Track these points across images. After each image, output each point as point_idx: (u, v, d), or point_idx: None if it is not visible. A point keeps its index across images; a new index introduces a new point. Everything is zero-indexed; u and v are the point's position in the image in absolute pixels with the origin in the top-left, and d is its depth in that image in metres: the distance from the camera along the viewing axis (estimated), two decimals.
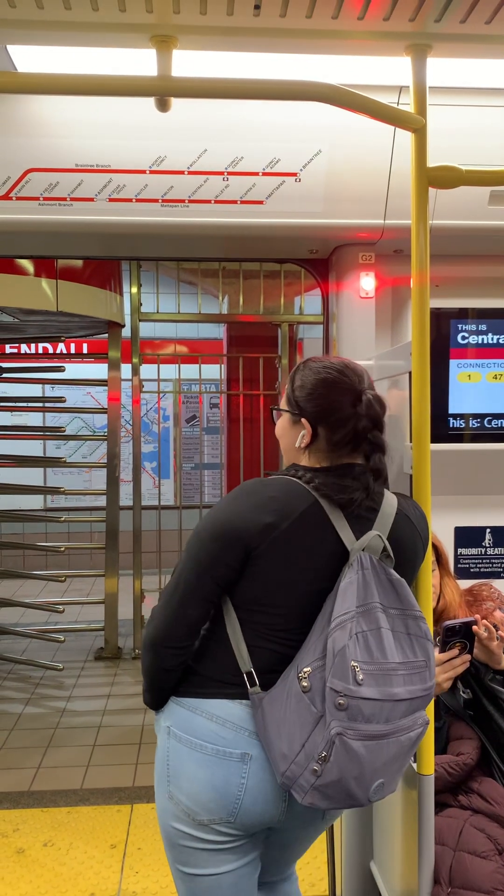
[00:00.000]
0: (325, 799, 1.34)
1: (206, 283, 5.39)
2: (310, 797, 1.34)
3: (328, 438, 1.49)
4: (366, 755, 1.31)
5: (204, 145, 2.08)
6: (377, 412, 1.50)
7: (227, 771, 1.43)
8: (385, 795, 1.41)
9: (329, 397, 1.50)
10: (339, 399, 1.49)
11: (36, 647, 5.19)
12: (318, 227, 2.25)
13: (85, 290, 4.55)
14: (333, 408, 1.48)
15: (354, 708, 1.30)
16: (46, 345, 7.08)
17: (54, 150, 2.07)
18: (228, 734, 1.44)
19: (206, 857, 1.47)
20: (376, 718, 1.32)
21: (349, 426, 1.47)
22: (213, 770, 1.44)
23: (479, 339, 2.29)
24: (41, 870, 2.68)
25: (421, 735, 1.42)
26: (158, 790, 1.53)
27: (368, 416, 1.48)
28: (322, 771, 1.31)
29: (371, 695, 1.31)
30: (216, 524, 1.45)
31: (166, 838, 1.53)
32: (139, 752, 3.66)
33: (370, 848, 2.26)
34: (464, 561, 2.42)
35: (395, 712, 1.35)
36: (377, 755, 1.33)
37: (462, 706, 1.97)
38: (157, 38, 1.60)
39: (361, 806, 1.39)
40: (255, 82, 1.70)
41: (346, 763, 1.30)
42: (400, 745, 1.36)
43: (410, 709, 1.38)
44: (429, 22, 1.56)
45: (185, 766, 1.46)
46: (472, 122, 2.10)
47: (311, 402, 1.51)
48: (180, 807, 1.46)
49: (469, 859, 1.70)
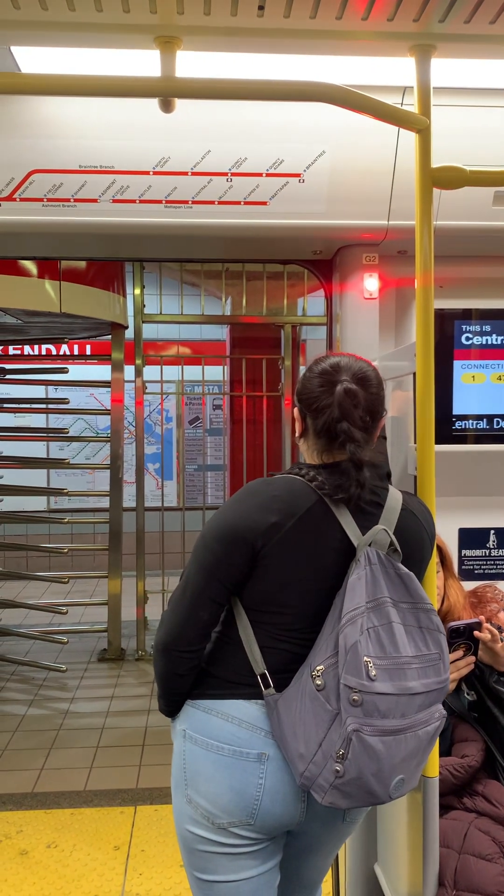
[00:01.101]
0: (345, 798, 1.33)
1: (209, 285, 5.38)
2: (329, 796, 1.33)
3: (314, 428, 1.50)
4: (384, 751, 1.30)
5: (207, 146, 2.08)
6: (348, 405, 1.45)
7: (244, 771, 1.43)
8: (405, 792, 1.40)
9: (311, 385, 1.51)
10: (320, 389, 1.49)
11: (39, 649, 5.19)
12: (321, 227, 2.24)
13: (88, 292, 4.55)
14: (315, 396, 1.49)
15: (369, 703, 1.29)
16: (50, 346, 7.09)
17: (58, 152, 2.07)
18: (244, 734, 1.44)
19: (224, 863, 1.46)
20: (392, 713, 1.32)
21: (325, 416, 1.47)
22: (230, 771, 1.43)
23: (483, 340, 2.29)
24: (44, 872, 2.68)
25: (439, 729, 1.41)
26: (176, 795, 1.52)
27: (339, 406, 1.45)
28: (343, 770, 1.30)
29: (385, 689, 1.30)
30: (222, 526, 1.45)
31: (183, 844, 1.51)
32: (142, 753, 3.66)
33: (374, 850, 2.25)
34: (468, 563, 2.41)
35: (411, 706, 1.34)
36: (395, 751, 1.32)
37: (466, 708, 1.96)
38: (160, 39, 1.60)
39: (382, 803, 1.38)
40: (259, 83, 1.70)
41: (364, 760, 1.30)
42: (418, 739, 1.36)
43: (426, 702, 1.38)
44: (433, 22, 1.56)
45: (202, 768, 1.46)
46: (476, 123, 2.10)
47: (302, 392, 1.54)
48: (199, 810, 1.46)
49: (474, 862, 1.70)
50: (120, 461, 5.20)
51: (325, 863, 1.69)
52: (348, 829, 1.62)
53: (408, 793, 1.73)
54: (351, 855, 2.28)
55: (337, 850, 1.70)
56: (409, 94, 1.96)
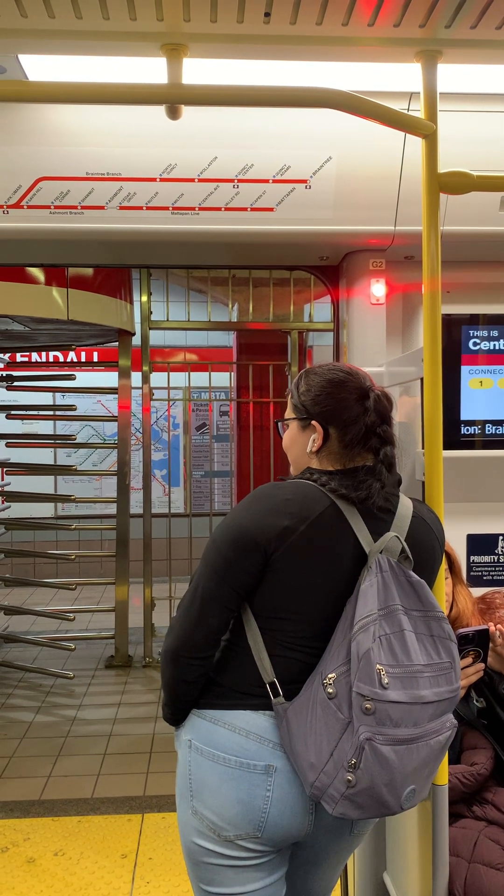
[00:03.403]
0: (356, 808, 1.31)
1: (216, 291, 5.40)
2: (341, 807, 1.31)
3: (340, 438, 1.49)
4: (396, 760, 1.29)
5: (214, 153, 2.09)
6: (385, 407, 1.51)
7: (251, 784, 1.41)
8: (417, 803, 1.38)
9: (338, 396, 1.50)
10: (348, 397, 1.50)
11: (46, 656, 5.18)
12: (328, 233, 2.24)
13: (95, 299, 4.56)
14: (343, 406, 1.49)
15: (382, 712, 1.28)
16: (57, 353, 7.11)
17: (65, 159, 2.08)
18: (252, 746, 1.42)
19: (231, 875, 1.44)
20: (405, 722, 1.30)
21: (359, 423, 1.47)
22: (237, 783, 1.41)
23: (491, 346, 2.28)
24: (52, 879, 2.67)
25: (450, 738, 1.40)
26: (181, 806, 1.50)
27: (377, 411, 1.49)
28: (355, 780, 1.28)
29: (398, 698, 1.29)
30: (232, 530, 1.43)
31: (189, 857, 1.49)
32: (150, 761, 3.65)
33: (383, 859, 2.24)
34: (476, 569, 2.40)
35: (423, 715, 1.33)
36: (407, 760, 1.30)
37: (476, 715, 1.95)
38: (167, 47, 1.61)
39: (393, 814, 1.36)
40: (265, 89, 1.70)
41: (376, 769, 1.28)
42: (430, 748, 1.34)
43: (438, 711, 1.36)
44: (439, 28, 1.56)
45: (208, 780, 1.44)
46: (483, 128, 2.10)
47: (320, 404, 1.52)
48: (205, 822, 1.44)
49: (484, 871, 1.68)
50: (127, 468, 5.20)
51: (333, 875, 1.67)
52: (356, 841, 1.60)
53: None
54: (360, 864, 2.27)
55: (344, 863, 1.68)
56: (416, 100, 1.96)
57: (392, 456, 1.50)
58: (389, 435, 1.50)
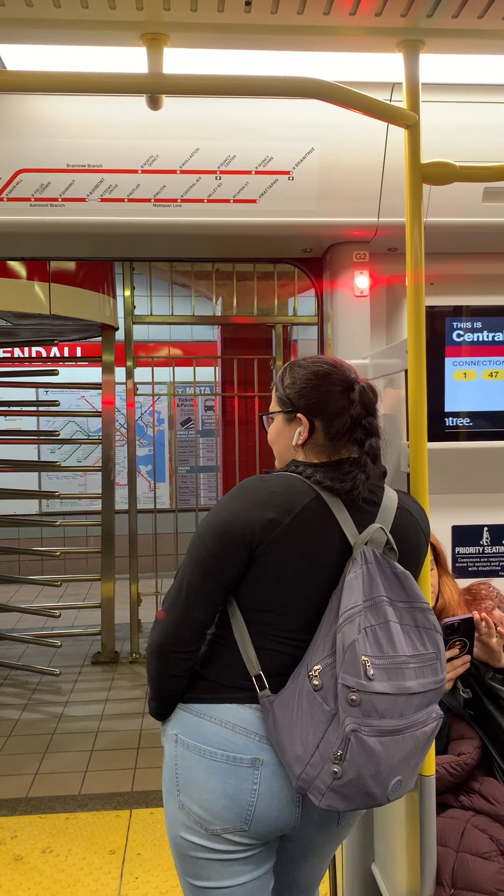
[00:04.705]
0: (343, 800, 1.31)
1: (200, 285, 5.37)
2: (327, 799, 1.31)
3: (325, 431, 1.49)
4: (382, 752, 1.29)
5: (196, 144, 2.07)
6: (370, 399, 1.51)
7: (238, 777, 1.41)
8: (403, 794, 1.38)
9: (323, 388, 1.50)
10: (333, 389, 1.49)
11: (32, 653, 5.16)
12: (311, 225, 2.23)
13: (78, 293, 4.54)
14: (328, 398, 1.49)
15: (367, 703, 1.28)
16: (40, 349, 7.07)
17: (45, 151, 2.06)
18: (238, 739, 1.42)
19: (218, 869, 1.44)
20: (390, 713, 1.30)
21: (345, 415, 1.47)
22: (224, 777, 1.41)
23: (475, 337, 2.29)
24: (39, 877, 2.66)
25: (436, 729, 1.40)
26: (168, 801, 1.49)
27: (362, 403, 1.49)
28: (341, 772, 1.28)
29: (383, 689, 1.29)
30: (218, 524, 1.42)
31: (176, 851, 1.49)
32: (137, 756, 3.64)
33: (371, 850, 2.24)
34: (462, 560, 2.41)
35: (409, 706, 1.33)
36: (393, 751, 1.31)
37: (462, 706, 1.96)
38: (147, 36, 1.59)
39: (380, 805, 1.36)
40: (247, 79, 1.69)
41: (362, 761, 1.28)
42: (416, 739, 1.35)
43: (424, 702, 1.36)
44: (420, 17, 1.55)
45: (195, 775, 1.43)
46: (465, 118, 2.10)
47: (306, 396, 1.51)
48: (192, 817, 1.43)
49: (471, 860, 1.69)
50: (112, 463, 5.18)
51: (321, 866, 1.68)
52: (343, 832, 1.61)
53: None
54: (348, 855, 2.27)
55: (332, 854, 1.68)
56: (398, 90, 1.96)
57: (377, 448, 1.50)
58: (375, 427, 1.50)
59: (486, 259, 2.48)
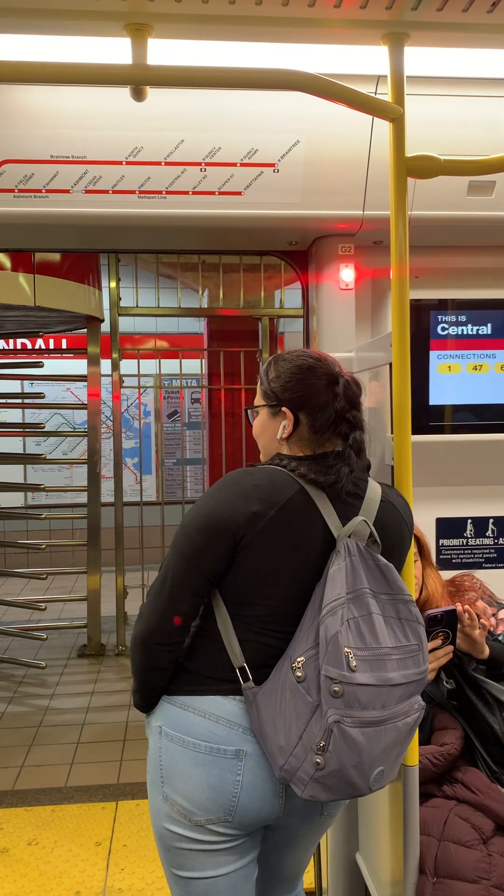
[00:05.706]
0: (325, 790, 1.32)
1: (186, 277, 5.35)
2: (310, 790, 1.32)
3: (310, 424, 1.49)
4: (364, 742, 1.30)
5: (181, 135, 2.06)
6: (354, 392, 1.52)
7: (221, 769, 1.42)
8: (385, 784, 1.40)
9: (307, 382, 1.51)
10: (317, 383, 1.50)
11: (18, 646, 5.15)
12: (296, 218, 2.23)
13: (63, 285, 4.51)
14: (312, 392, 1.50)
15: (350, 695, 1.29)
16: (24, 340, 7.01)
17: (29, 142, 2.04)
18: (222, 731, 1.43)
19: (202, 860, 1.45)
20: (372, 704, 1.31)
21: (329, 409, 1.48)
22: (207, 768, 1.42)
23: (459, 331, 2.29)
24: (25, 869, 2.66)
25: (418, 720, 1.42)
26: (152, 792, 1.50)
27: (346, 397, 1.50)
28: (323, 763, 1.29)
29: (366, 680, 1.30)
30: (202, 516, 1.43)
31: (160, 842, 1.50)
32: (123, 748, 3.65)
33: (356, 840, 2.26)
34: (445, 552, 2.42)
35: (391, 697, 1.34)
36: (375, 742, 1.32)
37: (445, 696, 1.97)
38: (131, 27, 1.58)
39: (362, 795, 1.38)
40: (232, 70, 1.68)
41: (345, 751, 1.29)
42: (398, 730, 1.36)
43: (406, 693, 1.38)
44: (406, 10, 1.55)
45: (179, 766, 1.44)
46: (450, 112, 2.10)
47: (290, 390, 1.52)
48: (176, 808, 1.44)
49: (454, 849, 1.71)
50: (97, 456, 5.17)
51: (305, 856, 1.69)
52: (326, 822, 1.62)
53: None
54: (332, 844, 2.29)
55: (316, 844, 1.70)
56: (383, 83, 1.95)
57: (361, 441, 1.51)
58: (359, 420, 1.51)
59: (471, 252, 2.49)
